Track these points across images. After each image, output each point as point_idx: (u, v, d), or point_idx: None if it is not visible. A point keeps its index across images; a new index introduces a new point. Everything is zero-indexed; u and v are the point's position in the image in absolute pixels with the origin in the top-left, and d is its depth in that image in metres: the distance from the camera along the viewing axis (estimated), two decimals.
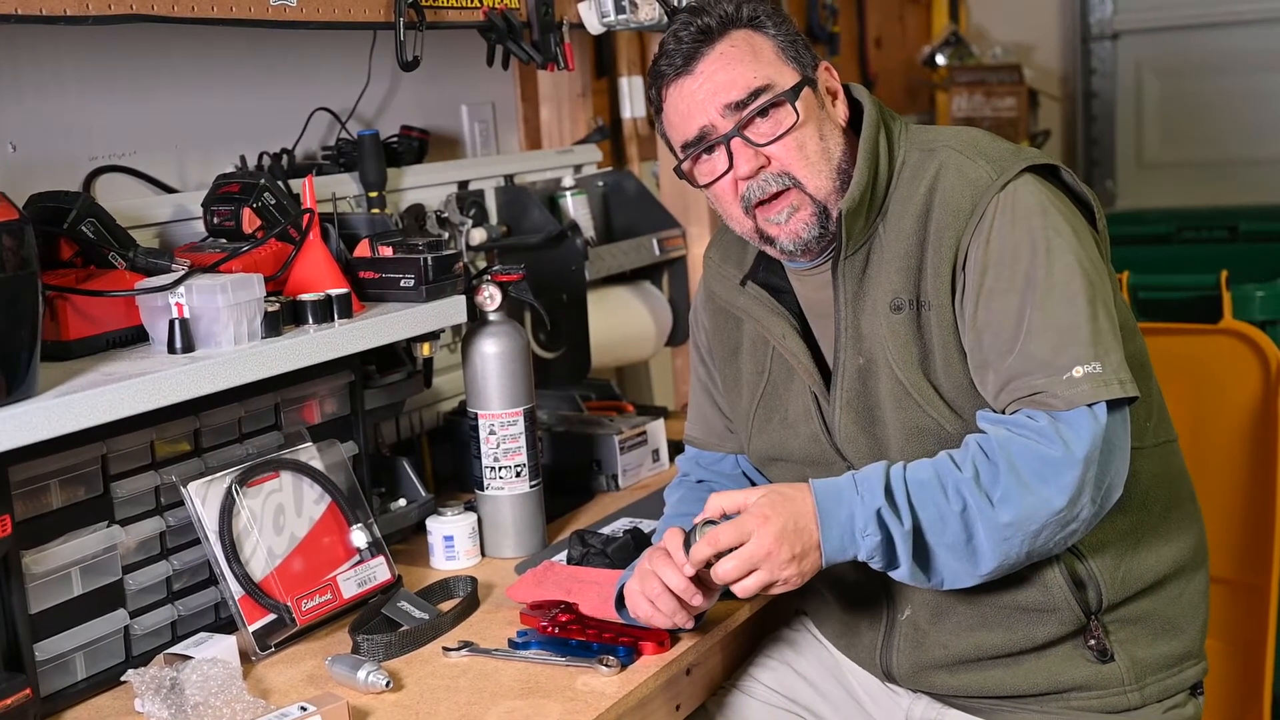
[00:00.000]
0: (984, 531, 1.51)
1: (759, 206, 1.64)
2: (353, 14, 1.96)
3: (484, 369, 2.03)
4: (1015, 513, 1.49)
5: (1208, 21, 4.62)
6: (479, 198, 2.53)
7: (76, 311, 1.65)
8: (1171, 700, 1.69)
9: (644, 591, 1.64)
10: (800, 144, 1.62)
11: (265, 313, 1.73)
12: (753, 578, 1.54)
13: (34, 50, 1.92)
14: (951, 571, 1.55)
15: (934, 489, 1.52)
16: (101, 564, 1.65)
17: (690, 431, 1.95)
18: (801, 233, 1.64)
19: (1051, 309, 1.53)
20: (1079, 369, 1.51)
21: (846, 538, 1.54)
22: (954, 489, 1.51)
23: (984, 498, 1.50)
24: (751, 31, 1.65)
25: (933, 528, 1.52)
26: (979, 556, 1.52)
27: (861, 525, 1.53)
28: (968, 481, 1.51)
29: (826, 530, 1.53)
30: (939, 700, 1.75)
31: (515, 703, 1.58)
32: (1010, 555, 1.52)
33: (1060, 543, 1.54)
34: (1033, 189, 1.60)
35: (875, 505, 1.52)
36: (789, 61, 1.65)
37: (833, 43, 4.09)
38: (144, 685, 1.56)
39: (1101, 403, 1.50)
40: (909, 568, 1.54)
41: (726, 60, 1.63)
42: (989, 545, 1.51)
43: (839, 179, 1.64)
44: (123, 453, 1.68)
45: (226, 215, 1.91)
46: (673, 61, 1.64)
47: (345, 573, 1.84)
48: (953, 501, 1.51)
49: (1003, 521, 1.50)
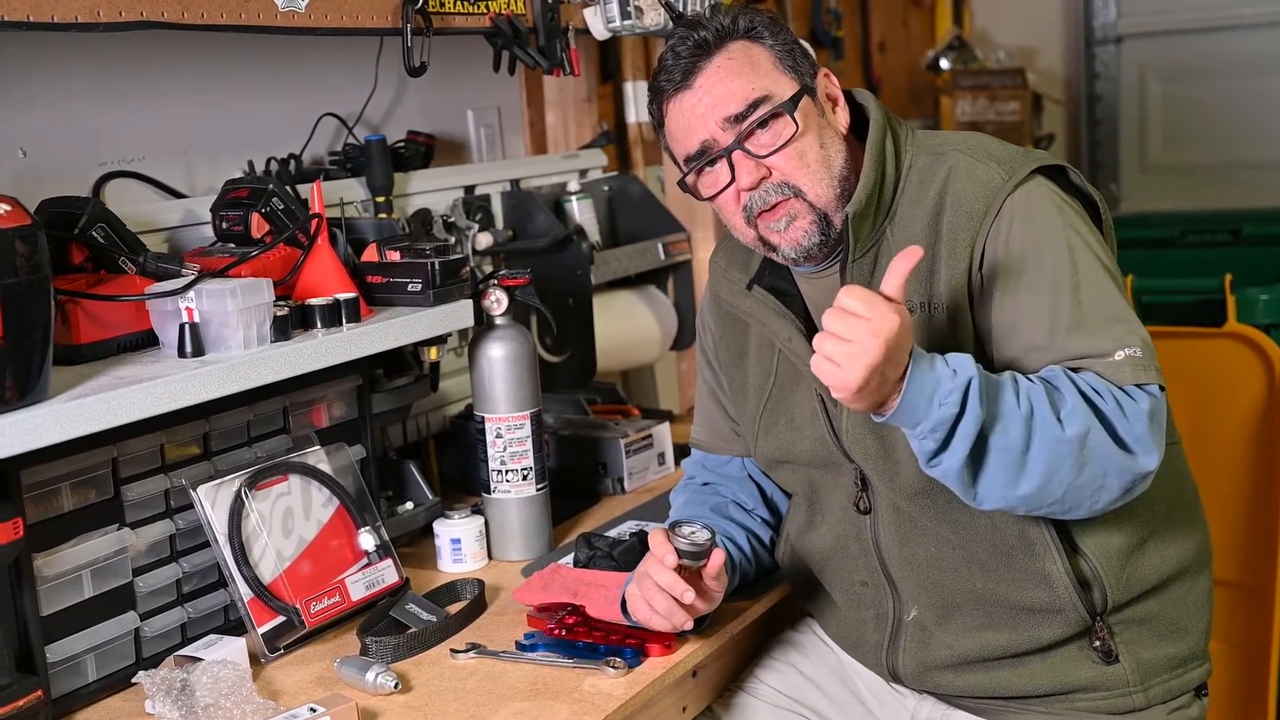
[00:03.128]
0: (1039, 443, 1.46)
1: (760, 215, 1.65)
2: (360, 20, 1.97)
3: (490, 373, 2.04)
4: (1076, 429, 1.46)
5: (1212, 25, 4.62)
6: (485, 202, 2.54)
7: (87, 316, 1.66)
8: (1176, 701, 1.70)
9: (641, 594, 1.66)
10: (801, 153, 1.63)
11: (274, 317, 1.74)
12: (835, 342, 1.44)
13: (44, 56, 1.93)
14: (993, 480, 1.49)
15: (1008, 389, 1.48)
16: (112, 566, 1.66)
17: (696, 434, 1.96)
18: (801, 240, 1.65)
19: (1084, 302, 1.55)
20: (1121, 353, 1.52)
21: (923, 402, 1.45)
22: (1026, 395, 1.48)
23: (1052, 409, 1.47)
24: (749, 43, 1.65)
25: (999, 424, 1.47)
26: (1027, 469, 1.47)
27: (945, 394, 1.45)
28: (1040, 392, 1.49)
29: (910, 386, 1.45)
30: (944, 701, 1.76)
31: (523, 704, 1.59)
32: (1052, 482, 1.48)
33: (1092, 494, 1.50)
34: (1045, 189, 1.61)
35: (967, 377, 1.45)
36: (786, 71, 1.65)
37: (837, 47, 4.10)
38: (154, 687, 1.57)
39: (1152, 384, 1.51)
40: (961, 459, 1.47)
41: (724, 73, 1.63)
42: (1040, 459, 1.47)
43: (839, 187, 1.65)
44: (133, 456, 1.69)
45: (235, 220, 1.92)
46: (671, 77, 1.65)
47: (353, 575, 1.85)
48: (1022, 405, 1.48)
49: (1063, 436, 1.46)
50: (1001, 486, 1.50)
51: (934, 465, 1.50)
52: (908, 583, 1.71)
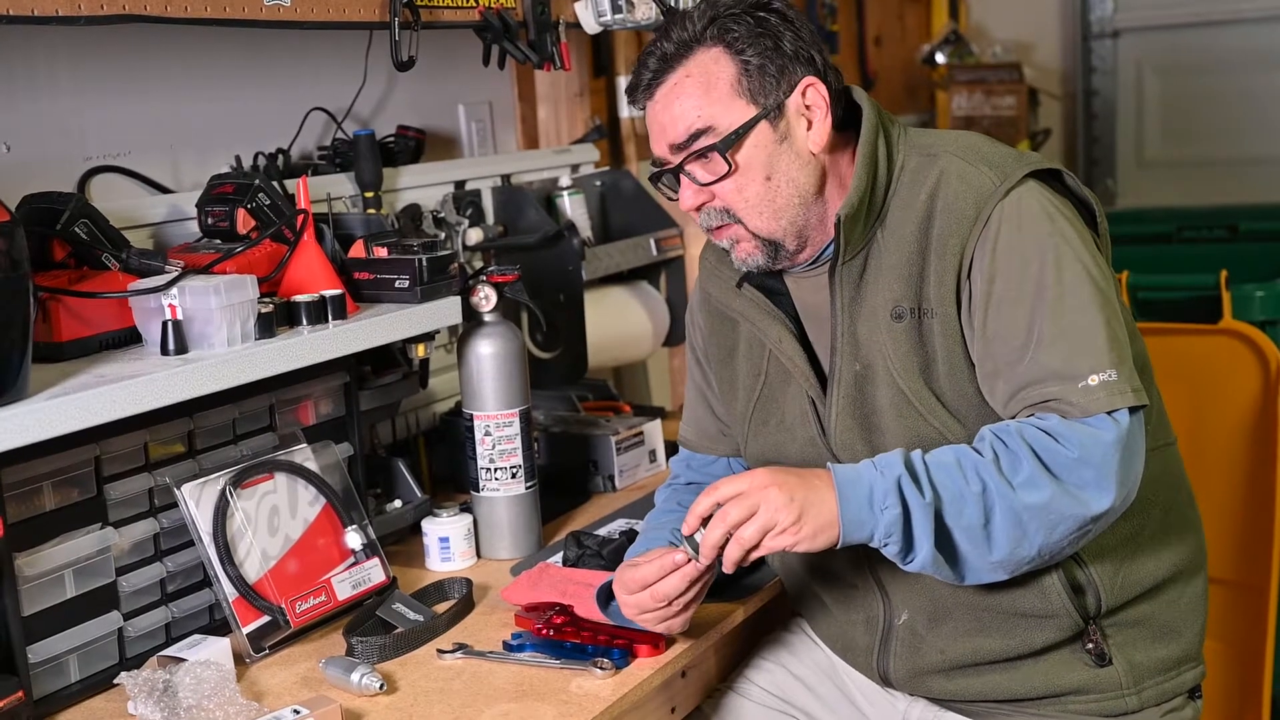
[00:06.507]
0: (1001, 515, 1.47)
1: (711, 230, 1.67)
2: (347, 14, 1.95)
3: (479, 370, 2.02)
4: (1036, 498, 1.46)
5: (1209, 20, 4.61)
6: (475, 198, 2.52)
7: (69, 313, 1.65)
8: (1169, 704, 1.69)
9: (627, 599, 1.63)
10: (739, 188, 1.61)
11: (259, 314, 1.72)
12: (753, 524, 1.48)
13: (28, 51, 1.91)
14: (966, 558, 1.50)
15: (953, 470, 1.49)
16: (95, 566, 1.65)
17: (683, 432, 1.95)
18: (748, 260, 1.66)
19: (1063, 317, 1.52)
20: (1095, 377, 1.49)
21: (864, 510, 1.48)
22: (974, 471, 1.48)
23: (1005, 481, 1.47)
24: (720, 52, 1.60)
25: (951, 506, 1.48)
26: (993, 541, 1.48)
27: (880, 497, 1.47)
28: (988, 465, 1.48)
29: (845, 504, 1.48)
30: (936, 704, 1.74)
31: (509, 706, 1.58)
32: (1023, 545, 1.49)
33: (1074, 542, 1.51)
34: (1037, 195, 1.58)
35: (895, 475, 1.48)
36: (744, 94, 1.60)
37: (832, 41, 4.08)
38: (137, 688, 1.56)
39: (1123, 409, 1.49)
40: (929, 552, 1.48)
41: (676, 94, 1.61)
42: (1004, 530, 1.48)
43: (786, 217, 1.63)
44: (116, 454, 1.67)
45: (221, 216, 1.90)
46: (640, 83, 1.65)
47: (340, 574, 1.83)
48: (972, 483, 1.48)
49: (1023, 504, 1.46)
50: (976, 561, 1.51)
51: (910, 563, 1.51)
52: (898, 587, 1.69)
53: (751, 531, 1.48)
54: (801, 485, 1.49)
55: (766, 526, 1.48)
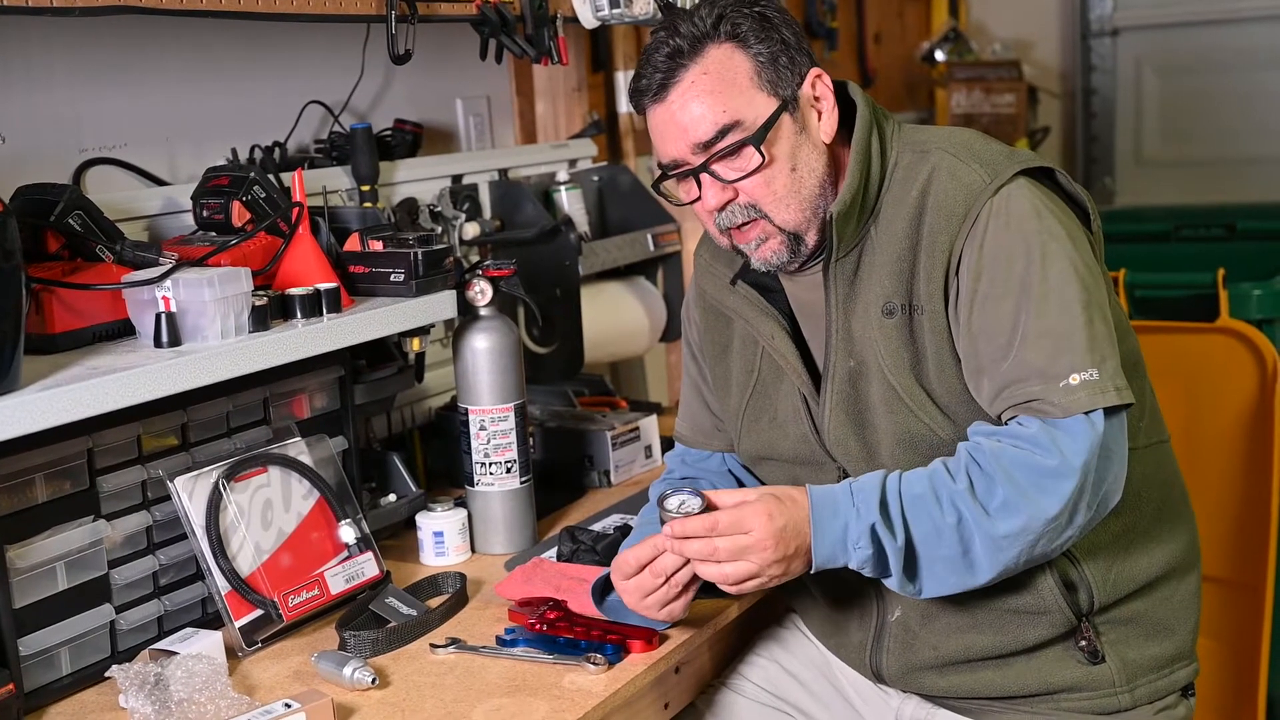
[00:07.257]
0: (980, 543, 1.49)
1: (731, 231, 1.65)
2: (344, 7, 1.95)
3: (475, 364, 2.02)
4: (1012, 524, 1.48)
5: (1208, 18, 4.60)
6: (472, 192, 2.52)
7: (62, 304, 1.64)
8: (1162, 702, 1.69)
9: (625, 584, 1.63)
10: (768, 180, 1.60)
11: (253, 307, 1.72)
12: (736, 567, 1.52)
13: (23, 42, 1.91)
14: (945, 583, 1.54)
15: (929, 502, 1.51)
16: (87, 558, 1.65)
17: (679, 428, 1.94)
18: (772, 259, 1.65)
19: (1047, 315, 1.52)
20: (1075, 376, 1.49)
21: (838, 547, 1.53)
22: (949, 502, 1.50)
23: (980, 509, 1.49)
24: (733, 47, 1.59)
25: (927, 541, 1.51)
26: (976, 568, 1.51)
27: (854, 538, 1.52)
28: (962, 493, 1.50)
29: (819, 537, 1.52)
30: (929, 700, 1.74)
31: (501, 700, 1.57)
32: (1007, 564, 1.51)
33: (1057, 549, 1.53)
34: (1026, 193, 1.58)
35: (870, 520, 1.51)
36: (765, 86, 1.59)
37: (831, 38, 4.07)
38: (128, 681, 1.55)
39: (1099, 410, 1.49)
40: (898, 579, 1.53)
41: (697, 91, 1.58)
42: (986, 556, 1.50)
43: (810, 207, 1.62)
44: (109, 447, 1.67)
45: (216, 208, 1.90)
46: (649, 84, 1.62)
47: (333, 568, 1.83)
48: (948, 514, 1.50)
49: (1000, 533, 1.49)
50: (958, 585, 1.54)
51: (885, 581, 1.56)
52: None
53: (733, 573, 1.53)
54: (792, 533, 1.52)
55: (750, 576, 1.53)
